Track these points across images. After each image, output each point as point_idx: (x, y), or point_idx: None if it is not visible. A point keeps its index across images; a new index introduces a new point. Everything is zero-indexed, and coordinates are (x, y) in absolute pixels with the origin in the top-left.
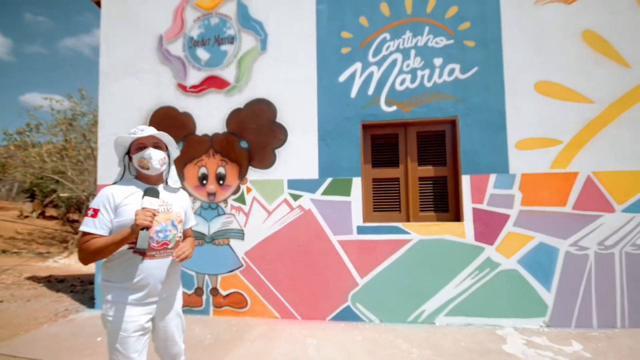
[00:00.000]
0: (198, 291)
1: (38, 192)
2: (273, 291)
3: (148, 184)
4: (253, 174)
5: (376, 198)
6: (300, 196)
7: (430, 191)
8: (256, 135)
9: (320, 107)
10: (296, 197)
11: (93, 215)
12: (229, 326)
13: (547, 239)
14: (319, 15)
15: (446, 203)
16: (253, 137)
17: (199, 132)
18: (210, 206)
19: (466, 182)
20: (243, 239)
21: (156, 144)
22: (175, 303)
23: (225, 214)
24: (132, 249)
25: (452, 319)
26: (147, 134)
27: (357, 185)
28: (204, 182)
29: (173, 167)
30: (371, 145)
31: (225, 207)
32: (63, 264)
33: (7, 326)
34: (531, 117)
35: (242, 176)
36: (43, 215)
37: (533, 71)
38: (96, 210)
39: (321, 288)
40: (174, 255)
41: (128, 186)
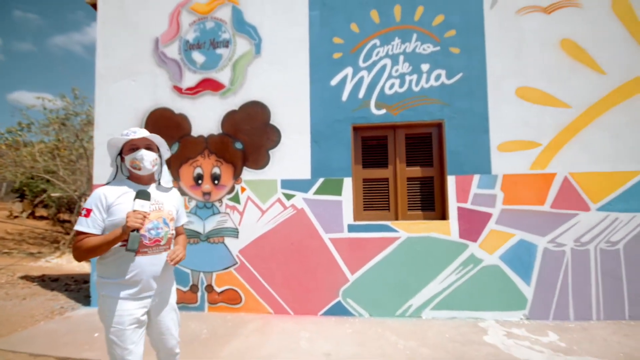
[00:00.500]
0: (193, 288)
1: (28, 192)
2: (267, 288)
3: (140, 184)
4: (247, 174)
5: (366, 197)
6: (293, 196)
7: (417, 191)
8: (250, 136)
9: (312, 110)
10: (289, 197)
11: (86, 215)
12: (224, 322)
13: (527, 236)
14: (312, 21)
15: (433, 202)
16: (247, 139)
17: (195, 133)
18: (205, 205)
19: (451, 183)
20: (237, 238)
21: (148, 146)
22: (170, 298)
23: (220, 213)
24: (125, 247)
25: (438, 313)
26: (140, 136)
27: (348, 185)
28: (200, 182)
29: (165, 168)
30: (361, 146)
31: (220, 207)
32: (55, 264)
33: (4, 323)
34: (512, 121)
35: (237, 176)
36: (33, 215)
37: (514, 77)
38: (89, 210)
39: (313, 284)
40: (168, 259)
41: (120, 186)
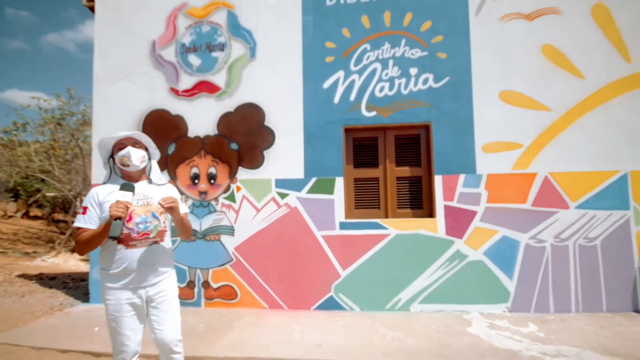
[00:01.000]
0: (190, 284)
1: (22, 192)
2: (261, 283)
3: (131, 182)
4: (242, 174)
5: (357, 196)
6: (287, 194)
7: (406, 190)
8: (245, 137)
9: (305, 112)
10: (283, 196)
11: (83, 212)
12: (220, 316)
13: (510, 233)
14: (305, 26)
15: (421, 201)
16: (243, 139)
17: (191, 134)
18: (201, 204)
19: (438, 182)
20: (233, 235)
21: (135, 144)
22: (167, 291)
23: (216, 212)
24: (114, 239)
25: (426, 306)
26: (127, 135)
27: (340, 184)
28: (196, 182)
29: (155, 165)
30: (353, 147)
31: (216, 205)
32: (51, 263)
33: (5, 319)
34: (496, 123)
35: (232, 176)
36: (27, 215)
37: (498, 81)
38: (85, 207)
39: (306, 280)
40: (161, 201)
41: (113, 185)
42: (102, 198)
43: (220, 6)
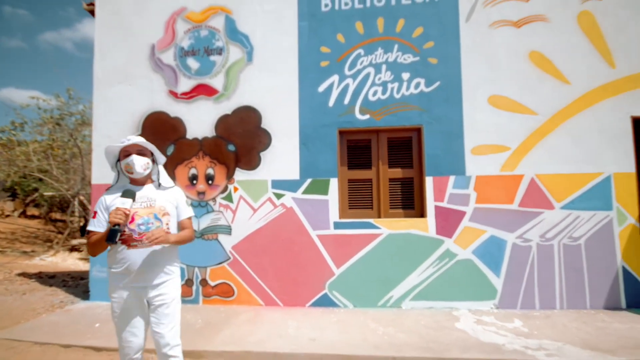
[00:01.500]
0: (188, 282)
1: (19, 191)
2: (258, 281)
3: (136, 186)
4: (240, 175)
5: (351, 197)
6: (282, 195)
7: (398, 191)
8: (243, 139)
9: (301, 115)
10: (279, 196)
11: (94, 216)
12: (218, 313)
13: (497, 232)
14: (301, 31)
15: (412, 201)
16: (240, 141)
17: (190, 136)
18: (200, 204)
19: (429, 183)
20: (230, 234)
21: (140, 151)
22: (167, 295)
23: (214, 211)
24: (120, 241)
25: (416, 303)
26: (132, 143)
27: (334, 185)
28: (194, 182)
29: (162, 170)
30: (347, 149)
31: (214, 205)
32: (50, 262)
33: (7, 316)
34: (484, 127)
35: (230, 177)
36: (24, 214)
37: (487, 86)
38: (95, 212)
39: (301, 278)
40: (144, 237)
41: (120, 190)
42: (109, 203)
43: (218, 11)
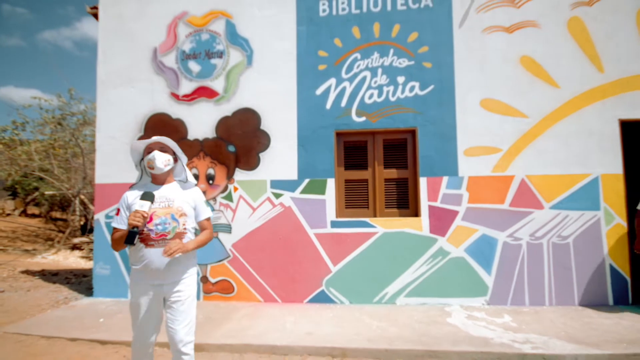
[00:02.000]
0: None
1: (20, 190)
2: (257, 278)
3: (157, 184)
4: (239, 175)
5: (348, 196)
6: (281, 195)
7: (393, 191)
8: (242, 140)
9: (299, 117)
10: (278, 196)
11: (117, 214)
12: (218, 309)
13: (489, 231)
14: (299, 35)
15: (407, 201)
16: (240, 142)
17: (191, 137)
18: None
19: (423, 183)
20: (230, 233)
21: (162, 148)
22: (183, 292)
23: (214, 211)
24: (140, 241)
25: (410, 300)
26: (155, 140)
27: (331, 185)
28: (195, 182)
29: (186, 168)
30: (344, 150)
31: (214, 204)
32: (52, 260)
33: (13, 312)
34: (477, 129)
35: (230, 177)
36: (25, 213)
37: (479, 90)
38: (118, 209)
39: (299, 275)
40: (162, 251)
41: (141, 189)
42: (131, 201)
43: (219, 15)
